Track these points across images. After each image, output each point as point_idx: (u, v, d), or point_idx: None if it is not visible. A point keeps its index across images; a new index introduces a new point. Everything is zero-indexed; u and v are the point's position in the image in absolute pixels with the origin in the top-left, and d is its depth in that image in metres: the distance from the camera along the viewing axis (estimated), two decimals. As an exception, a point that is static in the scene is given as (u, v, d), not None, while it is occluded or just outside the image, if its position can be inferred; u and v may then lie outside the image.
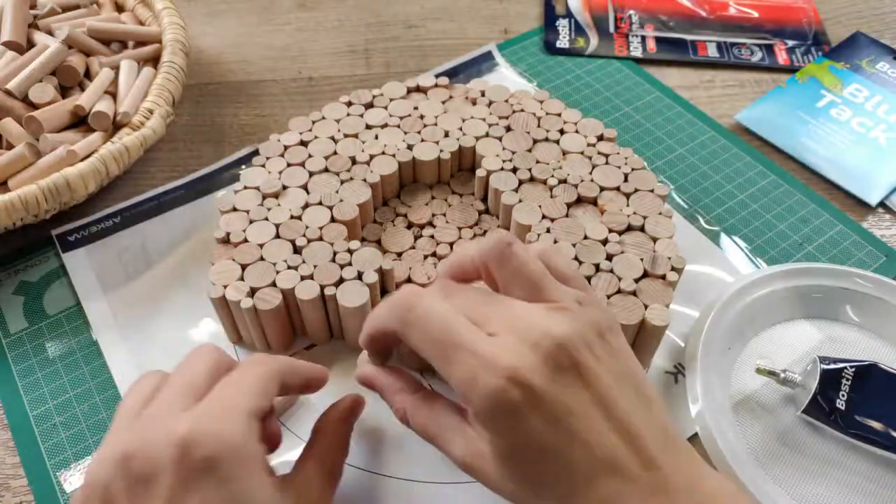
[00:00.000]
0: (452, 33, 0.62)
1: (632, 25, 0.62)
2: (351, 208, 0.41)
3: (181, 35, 0.52)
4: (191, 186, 0.50)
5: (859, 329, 0.42)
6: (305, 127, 0.46)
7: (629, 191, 0.42)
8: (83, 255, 0.46)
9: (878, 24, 0.63)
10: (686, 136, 0.53)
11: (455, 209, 0.45)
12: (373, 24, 0.63)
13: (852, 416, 0.36)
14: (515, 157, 0.44)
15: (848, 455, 0.37)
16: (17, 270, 0.46)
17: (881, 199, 0.49)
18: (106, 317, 0.43)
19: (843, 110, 0.54)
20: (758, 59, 0.59)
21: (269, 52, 0.60)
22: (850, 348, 0.41)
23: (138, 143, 0.45)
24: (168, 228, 0.47)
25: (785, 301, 0.42)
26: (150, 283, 0.45)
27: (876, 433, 0.36)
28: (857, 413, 0.36)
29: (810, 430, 0.38)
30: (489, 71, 0.58)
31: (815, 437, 0.38)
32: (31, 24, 0.51)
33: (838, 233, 0.47)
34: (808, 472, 0.37)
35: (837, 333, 0.41)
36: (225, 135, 0.54)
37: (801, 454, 0.37)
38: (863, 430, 0.36)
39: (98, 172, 0.43)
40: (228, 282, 0.38)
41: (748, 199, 0.49)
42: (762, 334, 0.42)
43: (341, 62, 0.59)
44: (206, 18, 0.63)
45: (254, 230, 0.40)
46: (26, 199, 0.41)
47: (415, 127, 0.46)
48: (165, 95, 0.48)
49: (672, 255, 0.39)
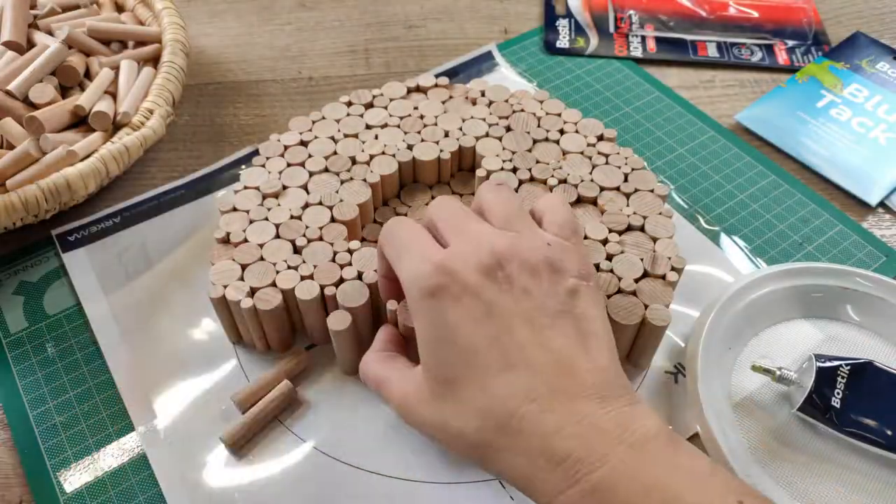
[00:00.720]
0: (452, 33, 0.62)
1: (632, 25, 0.62)
2: (351, 208, 0.41)
3: (181, 35, 0.52)
4: (191, 186, 0.50)
5: (860, 328, 0.42)
6: (305, 127, 0.46)
7: (629, 191, 0.42)
8: (83, 255, 0.46)
9: (878, 24, 0.63)
10: (686, 136, 0.53)
11: (455, 209, 0.45)
12: (373, 24, 0.63)
13: (847, 414, 0.36)
14: (515, 157, 0.44)
15: (844, 452, 0.37)
16: (17, 270, 0.46)
17: (881, 199, 0.49)
18: (106, 317, 0.43)
19: (843, 110, 0.54)
20: (758, 59, 0.59)
21: (269, 51, 0.60)
22: (851, 347, 0.41)
23: (138, 143, 0.45)
24: (168, 228, 0.47)
25: (785, 301, 0.42)
26: (150, 283, 0.45)
27: (871, 431, 0.36)
28: (852, 411, 0.36)
29: (806, 427, 0.38)
30: (489, 71, 0.58)
31: (810, 434, 0.38)
32: (31, 24, 0.51)
33: (838, 233, 0.47)
34: (806, 470, 0.37)
35: (838, 333, 0.41)
36: (225, 135, 0.54)
37: (798, 451, 0.37)
38: (858, 428, 0.36)
39: (98, 172, 0.43)
40: (228, 282, 0.38)
41: (748, 199, 0.49)
42: (762, 334, 0.41)
43: (341, 62, 0.59)
44: (206, 18, 0.63)
45: (254, 230, 0.40)
46: (26, 198, 0.41)
47: (415, 127, 0.46)
48: (165, 95, 0.48)
49: (672, 255, 0.39)
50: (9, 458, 0.38)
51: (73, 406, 0.40)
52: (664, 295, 0.38)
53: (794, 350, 0.41)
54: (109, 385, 0.41)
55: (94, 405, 0.40)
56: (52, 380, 0.41)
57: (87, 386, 0.41)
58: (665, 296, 0.38)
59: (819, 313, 0.42)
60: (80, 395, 0.40)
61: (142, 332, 0.43)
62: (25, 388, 0.41)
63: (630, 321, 0.37)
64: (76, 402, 0.40)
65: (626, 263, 0.39)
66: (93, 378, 0.41)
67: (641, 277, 0.38)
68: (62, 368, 0.41)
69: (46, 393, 0.40)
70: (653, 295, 0.38)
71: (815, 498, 0.36)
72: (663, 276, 0.38)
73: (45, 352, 0.42)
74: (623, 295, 0.38)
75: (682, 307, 0.43)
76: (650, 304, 0.37)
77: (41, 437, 0.39)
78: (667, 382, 0.40)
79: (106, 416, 0.39)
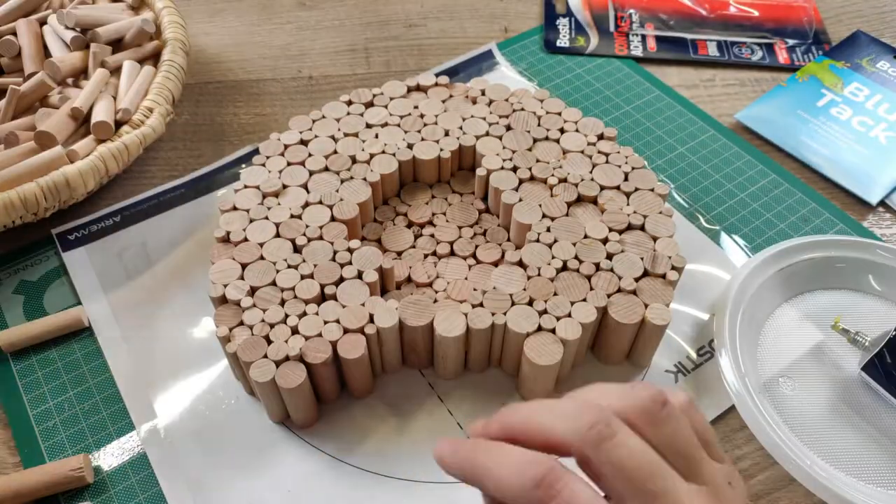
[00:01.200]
0: (452, 32, 0.62)
1: (632, 24, 0.62)
2: (351, 207, 0.41)
3: (181, 34, 0.52)
4: (191, 185, 0.50)
5: (880, 298, 0.43)
6: (305, 126, 0.46)
7: (629, 190, 0.42)
8: (83, 254, 0.46)
9: (878, 23, 0.63)
10: (686, 135, 0.53)
11: (455, 208, 0.45)
12: (373, 23, 0.63)
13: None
14: (516, 156, 0.44)
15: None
16: (17, 269, 0.46)
17: (881, 198, 0.49)
18: (106, 316, 0.43)
19: (844, 109, 0.54)
20: (758, 58, 0.59)
21: (269, 51, 0.60)
22: (873, 316, 0.43)
23: (138, 142, 0.45)
24: (168, 227, 0.47)
25: (809, 271, 0.43)
26: (150, 283, 0.45)
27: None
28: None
29: (865, 391, 0.39)
30: (489, 70, 0.58)
31: (865, 400, 0.39)
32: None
33: (838, 232, 0.47)
34: (848, 438, 0.38)
35: (860, 302, 0.43)
36: (225, 134, 0.54)
37: (848, 422, 0.38)
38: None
39: (97, 170, 0.43)
40: (228, 281, 0.38)
41: (748, 197, 0.49)
42: (787, 304, 0.43)
43: (341, 61, 0.59)
44: (206, 17, 0.63)
45: (254, 229, 0.40)
46: (25, 196, 0.41)
47: (415, 126, 0.46)
48: (165, 94, 0.48)
49: (672, 254, 0.39)
50: (9, 457, 0.38)
51: (73, 405, 0.40)
52: (664, 294, 0.38)
53: (820, 319, 0.42)
54: (109, 385, 0.40)
55: (94, 405, 0.40)
56: (52, 379, 0.41)
57: (87, 385, 0.40)
58: (665, 295, 0.38)
59: (842, 284, 0.44)
60: (80, 395, 0.40)
61: (142, 332, 0.42)
62: (25, 387, 0.41)
63: (630, 320, 0.37)
64: (76, 402, 0.40)
65: (627, 262, 0.39)
66: (93, 378, 0.41)
67: (642, 276, 0.38)
68: (62, 368, 0.41)
69: (46, 393, 0.40)
70: (653, 294, 0.38)
71: (854, 463, 0.37)
72: (663, 275, 0.38)
73: (45, 351, 0.42)
74: (623, 294, 0.38)
75: (683, 306, 0.43)
76: (650, 304, 0.37)
77: (41, 437, 0.39)
78: (667, 382, 0.40)
79: (106, 416, 0.39)
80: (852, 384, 0.40)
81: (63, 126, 0.45)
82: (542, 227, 0.40)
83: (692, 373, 0.41)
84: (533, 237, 0.40)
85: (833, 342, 0.41)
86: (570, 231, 0.40)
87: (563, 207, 0.41)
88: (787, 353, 0.41)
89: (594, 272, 0.38)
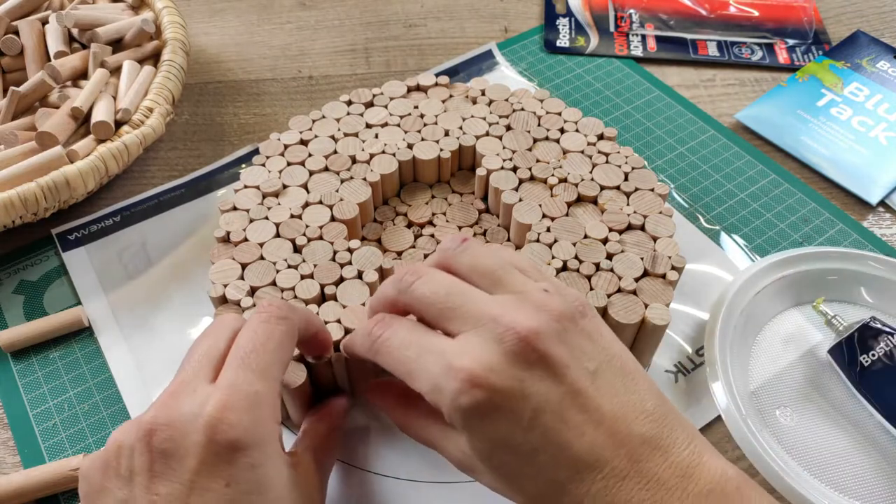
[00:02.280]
0: (452, 32, 0.62)
1: (632, 24, 0.62)
2: (351, 207, 0.41)
3: (181, 34, 0.52)
4: (191, 185, 0.50)
5: (873, 310, 0.43)
6: (305, 126, 0.46)
7: (629, 190, 0.42)
8: (83, 254, 0.46)
9: (878, 23, 0.63)
10: (686, 135, 0.53)
11: (455, 208, 0.45)
12: (373, 23, 0.63)
13: (870, 377, 0.37)
14: (515, 156, 0.44)
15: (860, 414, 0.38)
16: (16, 269, 0.46)
17: (881, 198, 0.49)
18: (106, 316, 0.43)
19: (844, 109, 0.54)
20: (758, 58, 0.59)
21: (269, 50, 0.60)
22: None
23: (138, 142, 0.45)
24: (168, 228, 0.47)
25: (801, 283, 0.43)
26: (150, 283, 0.45)
27: (884, 400, 0.37)
28: (875, 377, 0.37)
29: (856, 405, 0.39)
30: (489, 70, 0.58)
31: (859, 416, 0.38)
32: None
33: (838, 232, 0.47)
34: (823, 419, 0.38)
35: (852, 314, 0.42)
36: (225, 134, 0.54)
37: (842, 436, 0.38)
38: (872, 395, 0.37)
39: (97, 170, 0.43)
40: (228, 281, 0.38)
41: (748, 197, 0.49)
42: (779, 316, 0.42)
43: (341, 61, 0.59)
44: (206, 17, 0.63)
45: (254, 229, 0.40)
46: (25, 196, 0.41)
47: (415, 126, 0.46)
48: (165, 94, 0.48)
49: (672, 254, 0.39)
50: (9, 457, 0.38)
51: (73, 405, 0.40)
52: (664, 294, 0.38)
53: (810, 330, 0.42)
54: (109, 384, 0.40)
55: (94, 404, 0.40)
56: (52, 379, 0.41)
57: (87, 385, 0.41)
58: (665, 295, 0.38)
59: (834, 296, 0.43)
60: (80, 395, 0.40)
61: (142, 332, 0.43)
62: (25, 387, 0.41)
63: (630, 320, 0.37)
64: (76, 402, 0.40)
65: (627, 262, 0.39)
66: (93, 378, 0.41)
67: (642, 276, 0.38)
68: (62, 368, 0.41)
69: (46, 392, 0.40)
70: (653, 294, 0.38)
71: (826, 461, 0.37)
72: (663, 275, 0.38)
73: (45, 351, 0.42)
74: (623, 294, 0.38)
75: (683, 306, 0.43)
76: (650, 304, 0.37)
77: (41, 437, 0.39)
78: (667, 382, 0.40)
79: (106, 416, 0.39)
80: (843, 396, 0.39)
81: (63, 126, 0.45)
82: (542, 227, 0.40)
83: (692, 373, 0.41)
84: (533, 237, 0.40)
85: (822, 357, 0.40)
86: (570, 231, 0.40)
87: (563, 207, 0.41)
88: (776, 365, 0.40)
89: (594, 272, 0.38)
